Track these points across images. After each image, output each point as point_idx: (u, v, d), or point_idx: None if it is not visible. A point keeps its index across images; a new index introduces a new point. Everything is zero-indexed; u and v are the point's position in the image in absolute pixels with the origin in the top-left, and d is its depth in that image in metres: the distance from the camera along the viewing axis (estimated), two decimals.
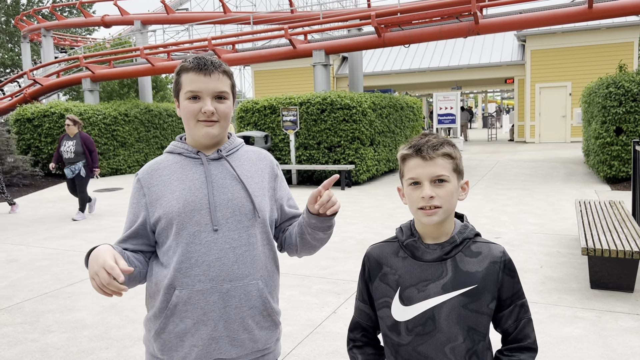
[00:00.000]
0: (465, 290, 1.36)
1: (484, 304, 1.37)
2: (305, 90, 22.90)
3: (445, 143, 1.39)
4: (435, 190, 1.35)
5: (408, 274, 1.41)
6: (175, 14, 19.78)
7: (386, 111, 12.16)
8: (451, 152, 1.39)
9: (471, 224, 1.46)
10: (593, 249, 4.02)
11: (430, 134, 1.42)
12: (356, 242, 6.10)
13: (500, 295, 1.39)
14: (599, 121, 9.77)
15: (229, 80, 1.59)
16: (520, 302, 1.41)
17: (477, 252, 1.40)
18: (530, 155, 15.36)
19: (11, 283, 4.95)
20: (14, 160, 12.57)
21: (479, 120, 43.01)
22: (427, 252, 1.40)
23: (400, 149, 1.44)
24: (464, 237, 1.40)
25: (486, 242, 1.43)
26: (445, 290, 1.37)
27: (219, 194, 1.55)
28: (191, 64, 1.55)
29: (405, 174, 1.41)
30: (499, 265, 1.38)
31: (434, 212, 1.35)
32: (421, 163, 1.37)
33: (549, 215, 7.14)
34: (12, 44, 37.75)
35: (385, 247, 1.48)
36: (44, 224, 7.91)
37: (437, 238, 1.41)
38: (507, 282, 1.39)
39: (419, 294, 1.38)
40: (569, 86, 19.42)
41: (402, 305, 1.40)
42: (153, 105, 16.69)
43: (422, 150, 1.37)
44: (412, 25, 11.97)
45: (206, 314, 1.51)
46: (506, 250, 5.38)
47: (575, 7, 10.57)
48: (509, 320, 1.40)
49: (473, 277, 1.37)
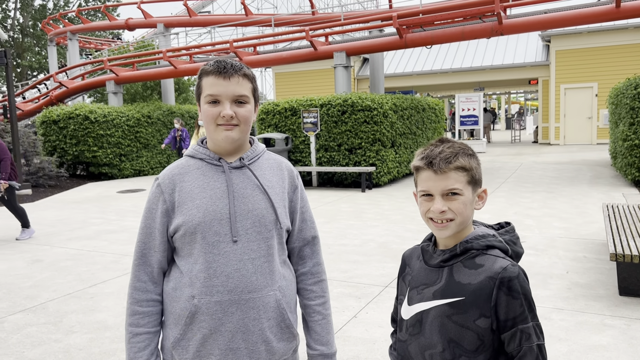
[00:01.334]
0: (451, 300, 1.33)
1: (469, 318, 1.30)
2: (325, 91, 22.89)
3: (460, 153, 1.32)
4: (447, 203, 1.31)
5: (417, 276, 1.44)
6: (197, 17, 19.96)
7: (407, 113, 12.07)
8: (465, 165, 1.32)
9: (492, 236, 1.36)
10: (622, 254, 3.90)
11: (445, 141, 1.35)
12: (377, 245, 6.05)
13: (498, 315, 1.28)
14: (626, 123, 9.54)
15: (250, 84, 1.56)
16: (523, 326, 1.26)
17: (479, 265, 1.33)
18: (555, 157, 15.09)
19: (36, 283, 5.02)
20: (40, 162, 12.82)
21: (502, 121, 42.48)
22: (432, 257, 1.42)
23: (416, 155, 1.40)
24: (466, 247, 1.35)
25: (497, 256, 1.32)
26: (435, 297, 1.36)
27: (240, 204, 1.53)
28: (211, 67, 1.53)
29: (417, 184, 1.39)
30: (495, 281, 1.27)
31: (445, 226, 1.33)
32: (433, 176, 1.32)
33: (574, 219, 6.99)
34: (39, 47, 38.57)
35: (414, 250, 1.53)
36: (68, 224, 8.03)
37: (447, 245, 1.41)
38: (504, 301, 1.27)
39: (417, 296, 1.41)
40: (595, 87, 19.03)
41: (407, 304, 1.44)
42: (175, 107, 16.86)
43: (433, 163, 1.32)
44: (434, 26, 11.86)
45: (224, 325, 1.50)
46: (530, 254, 5.25)
47: (602, 7, 10.35)
48: (511, 344, 1.29)
49: (462, 288, 1.32)
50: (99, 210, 9.26)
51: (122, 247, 6.39)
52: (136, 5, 20.68)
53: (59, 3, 38.84)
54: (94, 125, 14.09)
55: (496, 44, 21.89)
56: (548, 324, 3.64)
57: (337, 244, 6.16)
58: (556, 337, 3.41)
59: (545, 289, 4.35)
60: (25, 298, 4.58)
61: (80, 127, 14.03)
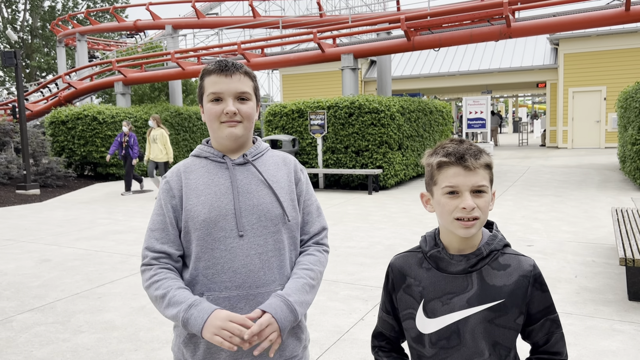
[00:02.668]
0: (491, 304, 1.31)
1: (511, 319, 1.32)
2: (333, 94, 22.90)
3: (483, 152, 1.34)
4: (475, 200, 1.29)
5: (432, 285, 1.36)
6: (205, 19, 20.03)
7: (415, 115, 12.05)
8: (490, 162, 1.34)
9: (501, 234, 1.40)
10: (632, 259, 3.87)
11: (464, 140, 1.36)
12: (384, 248, 6.03)
13: (529, 310, 1.34)
14: (635, 126, 9.48)
15: (251, 82, 1.59)
16: (552, 316, 1.35)
17: (506, 265, 1.34)
18: (562, 160, 15.01)
19: (44, 282, 5.04)
20: (48, 162, 12.89)
21: (510, 124, 42.34)
22: (451, 263, 1.35)
23: (430, 154, 1.37)
24: (491, 249, 1.35)
25: (515, 254, 1.37)
26: (471, 305, 1.32)
27: (245, 199, 1.54)
28: (213, 66, 1.56)
29: (440, 181, 1.33)
30: (529, 279, 1.32)
31: (472, 224, 1.29)
32: (462, 172, 1.30)
33: (583, 223, 6.95)
34: (48, 48, 38.83)
35: (409, 258, 1.44)
36: (76, 224, 8.07)
37: (462, 250, 1.36)
38: (537, 296, 1.33)
39: (443, 307, 1.34)
40: (604, 90, 18.93)
41: (426, 317, 1.36)
42: (183, 109, 16.92)
43: (464, 158, 1.30)
44: (442, 29, 11.83)
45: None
46: (538, 258, 5.23)
47: (611, 10, 10.30)
48: (539, 334, 1.35)
49: (500, 291, 1.32)
50: (106, 211, 9.30)
51: (130, 248, 6.41)
52: (145, 7, 20.78)
53: (68, 4, 39.10)
54: (102, 126, 14.16)
55: (504, 47, 21.82)
56: None
57: (344, 246, 6.15)
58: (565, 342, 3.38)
59: (553, 293, 4.32)
60: (33, 297, 4.61)
61: (89, 127, 14.10)
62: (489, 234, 1.39)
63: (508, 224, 7.10)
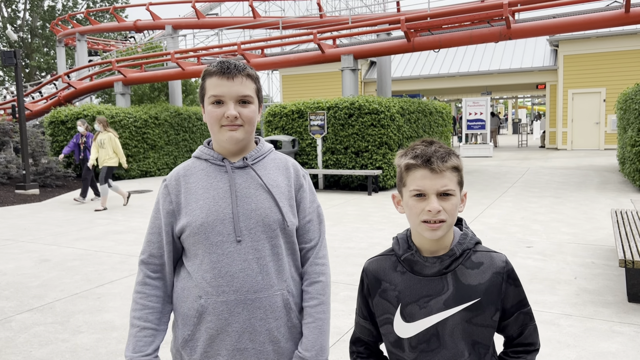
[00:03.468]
0: (468, 304, 1.32)
1: (488, 316, 1.33)
2: (333, 94, 22.90)
3: (452, 154, 1.33)
4: (441, 203, 1.29)
5: (408, 289, 1.36)
6: (205, 19, 20.02)
7: (414, 116, 12.06)
8: (458, 165, 1.34)
9: (471, 231, 1.40)
10: (631, 260, 3.87)
11: (435, 142, 1.35)
12: (383, 249, 6.03)
13: (504, 305, 1.36)
14: (635, 128, 9.48)
15: (254, 84, 1.56)
16: (525, 309, 1.38)
17: (479, 263, 1.35)
18: (562, 162, 15.02)
19: (43, 283, 5.04)
20: (47, 162, 12.89)
21: (509, 126, 42.37)
22: (426, 266, 1.35)
23: (401, 155, 1.36)
24: (463, 249, 1.35)
25: (487, 250, 1.38)
26: (448, 306, 1.32)
27: (243, 204, 1.53)
28: (214, 68, 1.53)
29: (408, 184, 1.33)
30: (503, 275, 1.34)
31: (438, 227, 1.29)
32: (429, 175, 1.30)
33: (582, 225, 6.95)
34: (47, 47, 38.82)
35: (383, 261, 1.43)
36: (75, 224, 8.06)
37: (435, 251, 1.36)
38: (511, 292, 1.36)
39: (421, 310, 1.34)
40: (603, 92, 18.95)
41: (404, 322, 1.36)
42: (183, 109, 16.91)
43: (431, 161, 1.29)
44: (442, 30, 11.84)
45: (230, 325, 1.49)
46: (538, 260, 5.23)
47: (611, 12, 10.30)
48: (513, 327, 1.38)
49: (475, 290, 1.32)
50: (105, 211, 9.29)
51: (129, 248, 6.41)
52: (145, 7, 20.77)
53: (68, 4, 39.10)
54: None
55: (504, 48, 21.83)
56: (556, 330, 3.61)
57: (344, 247, 6.15)
58: (565, 344, 3.39)
59: (553, 294, 4.32)
60: (32, 297, 4.60)
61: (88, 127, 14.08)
62: (460, 233, 1.39)
63: (507, 225, 7.10)
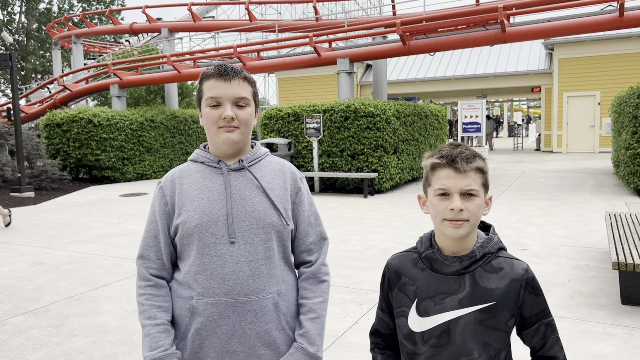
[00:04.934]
0: (482, 306, 1.34)
1: (502, 321, 1.35)
2: (328, 97, 22.93)
3: (477, 156, 1.37)
4: (464, 203, 1.32)
5: (425, 285, 1.40)
6: (201, 22, 20.04)
7: (410, 119, 12.08)
8: (483, 167, 1.37)
9: (497, 237, 1.42)
10: (624, 263, 3.90)
11: (461, 144, 1.40)
12: (379, 252, 6.04)
13: (522, 313, 1.37)
14: (629, 131, 9.53)
15: (250, 87, 1.59)
16: (547, 320, 1.38)
17: (499, 268, 1.37)
18: (557, 165, 15.08)
19: (38, 286, 5.02)
20: (43, 164, 12.85)
21: (505, 129, 42.49)
22: (445, 264, 1.38)
23: (428, 156, 1.41)
24: (484, 252, 1.38)
25: (509, 257, 1.40)
26: (462, 305, 1.35)
27: (237, 205, 1.54)
28: (212, 71, 1.56)
29: (433, 183, 1.37)
30: (521, 283, 1.36)
31: (460, 225, 1.32)
32: (453, 174, 1.34)
33: (577, 227, 6.98)
34: (43, 50, 38.75)
35: (405, 258, 1.48)
36: (71, 227, 8.04)
37: (457, 251, 1.39)
38: (529, 300, 1.36)
39: (435, 307, 1.37)
40: (598, 95, 19.04)
41: (418, 316, 1.40)
42: (179, 112, 16.91)
43: (455, 161, 1.33)
44: (437, 33, 11.89)
45: (220, 327, 1.50)
46: (532, 262, 5.25)
47: (605, 15, 10.37)
48: (535, 338, 1.38)
49: (492, 293, 1.35)
50: (101, 214, 9.28)
51: (125, 251, 6.40)
52: (141, 9, 20.77)
53: (64, 7, 39.05)
54: (97, 128, 14.13)
55: (499, 52, 21.92)
56: None
57: (339, 250, 6.16)
58: None
59: (547, 297, 4.34)
60: (27, 301, 4.59)
61: (84, 130, 14.07)
62: (485, 237, 1.41)
63: (503, 227, 7.13)
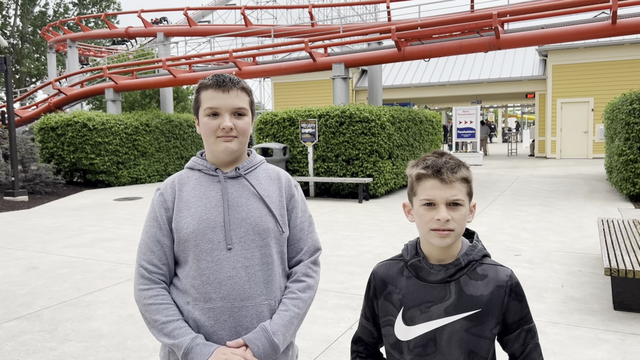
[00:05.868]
0: (468, 314, 1.35)
1: (487, 328, 1.36)
2: (324, 102, 22.98)
3: (462, 165, 1.38)
4: (450, 213, 1.34)
5: (412, 294, 1.40)
6: (197, 26, 20.06)
7: (405, 124, 12.13)
8: (468, 176, 1.39)
9: (481, 244, 1.44)
10: (617, 269, 3.92)
11: (445, 153, 1.41)
12: (373, 257, 6.06)
13: (505, 320, 1.38)
14: (622, 138, 9.61)
15: (248, 97, 1.61)
16: (527, 326, 1.39)
17: (483, 275, 1.38)
18: (551, 171, 15.16)
19: (31, 290, 5.01)
20: (37, 168, 12.81)
21: (500, 134, 42.67)
22: (431, 273, 1.39)
23: (412, 165, 1.42)
24: (469, 260, 1.39)
25: (494, 264, 1.41)
26: (448, 313, 1.36)
27: (234, 212, 1.56)
28: (210, 81, 1.58)
29: (419, 193, 1.38)
30: (505, 289, 1.37)
31: (447, 234, 1.34)
32: (439, 185, 1.35)
33: (570, 233, 7.02)
34: (38, 54, 38.66)
35: (391, 266, 1.48)
36: (65, 231, 8.01)
37: (442, 259, 1.40)
38: (513, 306, 1.37)
39: (422, 315, 1.38)
40: (592, 102, 19.17)
41: (404, 325, 1.40)
42: (174, 116, 16.89)
43: (441, 172, 1.35)
44: (432, 39, 11.95)
45: (216, 333, 1.52)
46: (526, 268, 5.27)
47: (598, 23, 10.46)
48: (515, 345, 1.39)
49: (477, 301, 1.36)
50: (95, 218, 9.25)
51: (119, 255, 6.38)
52: (136, 14, 20.78)
53: (59, 10, 39.00)
54: (92, 132, 14.10)
55: (493, 58, 22.05)
56: (543, 337, 3.65)
57: (334, 255, 6.17)
58: (551, 351, 3.42)
59: (540, 302, 4.36)
60: (20, 305, 4.57)
61: (78, 134, 14.03)
62: (469, 245, 1.42)
63: (496, 233, 7.16)
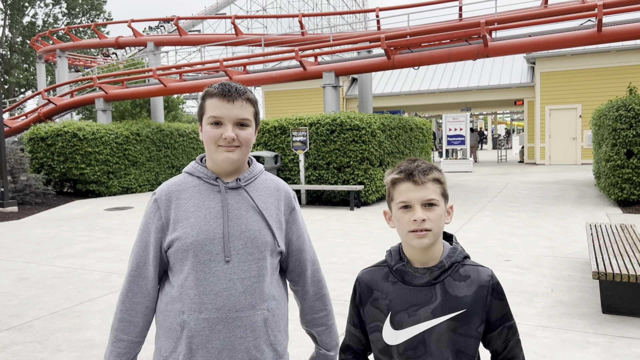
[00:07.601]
0: (454, 314, 1.39)
1: (472, 327, 1.40)
2: (315, 111, 23.05)
3: (434, 168, 1.44)
4: (426, 213, 1.39)
5: (398, 298, 1.43)
6: (187, 36, 20.09)
7: (395, 132, 12.21)
8: (440, 177, 1.44)
9: (460, 246, 1.48)
10: (604, 272, 3.98)
11: (418, 159, 1.46)
12: (365, 264, 6.08)
13: (488, 318, 1.43)
14: (609, 144, 9.73)
15: (252, 108, 1.61)
16: (509, 324, 1.44)
17: (466, 276, 1.43)
18: (540, 177, 15.29)
19: (22, 301, 4.98)
20: (26, 179, 12.73)
21: (489, 141, 42.96)
22: (416, 276, 1.43)
23: (388, 173, 1.47)
24: (452, 261, 1.43)
25: (474, 265, 1.46)
26: (435, 315, 1.40)
27: (234, 224, 1.56)
28: (215, 89, 1.57)
29: (395, 197, 1.44)
30: (487, 289, 1.42)
31: (424, 235, 1.38)
32: (412, 187, 1.40)
33: (559, 238, 7.09)
34: (27, 64, 38.48)
35: (376, 272, 1.51)
36: (55, 242, 7.97)
37: (425, 262, 1.44)
38: (495, 305, 1.43)
39: (410, 319, 1.41)
40: (579, 108, 19.40)
41: (393, 329, 1.43)
42: (164, 125, 16.87)
43: (413, 174, 1.41)
44: (421, 48, 12.07)
45: (210, 342, 1.53)
46: (516, 273, 5.32)
47: (584, 31, 10.63)
48: (497, 341, 1.44)
49: (462, 301, 1.40)
50: (86, 228, 9.21)
51: (110, 265, 6.36)
52: (126, 23, 20.77)
53: (48, 20, 38.89)
54: (82, 142, 14.06)
55: (482, 66, 22.26)
56: (533, 341, 3.69)
57: (326, 262, 6.19)
58: (541, 355, 3.46)
59: (530, 307, 4.41)
60: (11, 316, 4.54)
61: (68, 144, 13.98)
62: (450, 247, 1.47)
63: (487, 239, 7.22)
